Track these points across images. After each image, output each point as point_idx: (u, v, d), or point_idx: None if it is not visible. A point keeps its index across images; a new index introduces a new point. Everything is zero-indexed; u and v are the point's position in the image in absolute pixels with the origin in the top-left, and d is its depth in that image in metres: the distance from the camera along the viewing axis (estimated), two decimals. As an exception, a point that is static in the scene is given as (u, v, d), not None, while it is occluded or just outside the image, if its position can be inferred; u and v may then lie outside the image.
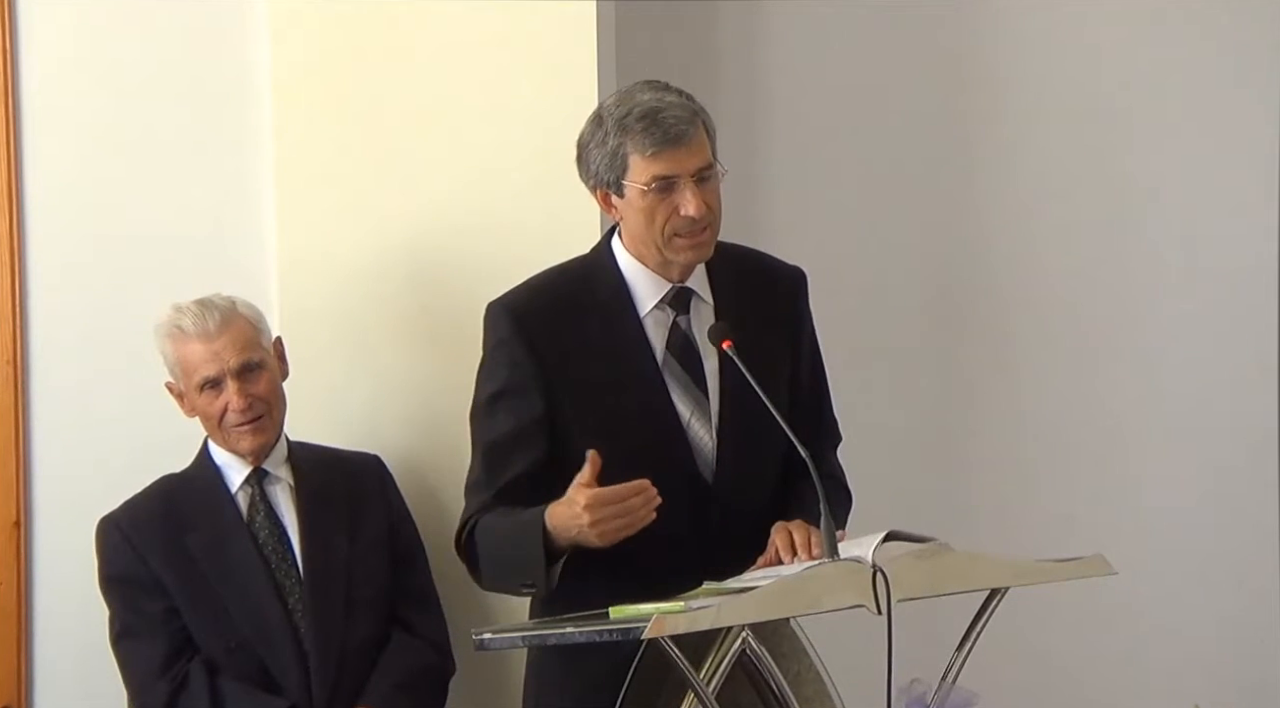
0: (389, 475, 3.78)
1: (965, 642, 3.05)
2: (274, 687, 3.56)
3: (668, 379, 3.16)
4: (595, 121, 3.13)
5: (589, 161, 3.14)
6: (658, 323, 3.18)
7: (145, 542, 3.58)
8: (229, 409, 3.58)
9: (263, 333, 3.66)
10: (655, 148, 3.06)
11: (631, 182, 3.09)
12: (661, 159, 3.07)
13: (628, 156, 3.08)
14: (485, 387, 3.19)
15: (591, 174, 3.14)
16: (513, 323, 3.16)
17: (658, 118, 3.07)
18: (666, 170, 3.07)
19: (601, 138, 3.10)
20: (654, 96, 3.10)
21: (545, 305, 3.18)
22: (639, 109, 3.08)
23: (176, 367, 3.62)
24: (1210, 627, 4.42)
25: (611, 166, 3.10)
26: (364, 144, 3.87)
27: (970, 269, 4.46)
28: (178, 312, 3.61)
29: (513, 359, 3.14)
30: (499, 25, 3.80)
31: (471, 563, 3.17)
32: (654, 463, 3.05)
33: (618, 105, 3.11)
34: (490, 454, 3.16)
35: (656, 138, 3.06)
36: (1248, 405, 4.45)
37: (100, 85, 3.99)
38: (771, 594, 2.85)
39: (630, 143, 3.07)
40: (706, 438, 3.17)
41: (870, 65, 4.39)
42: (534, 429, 3.14)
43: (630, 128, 3.07)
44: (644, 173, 3.07)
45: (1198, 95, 4.42)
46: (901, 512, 3.28)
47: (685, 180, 3.08)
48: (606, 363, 3.14)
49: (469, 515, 3.17)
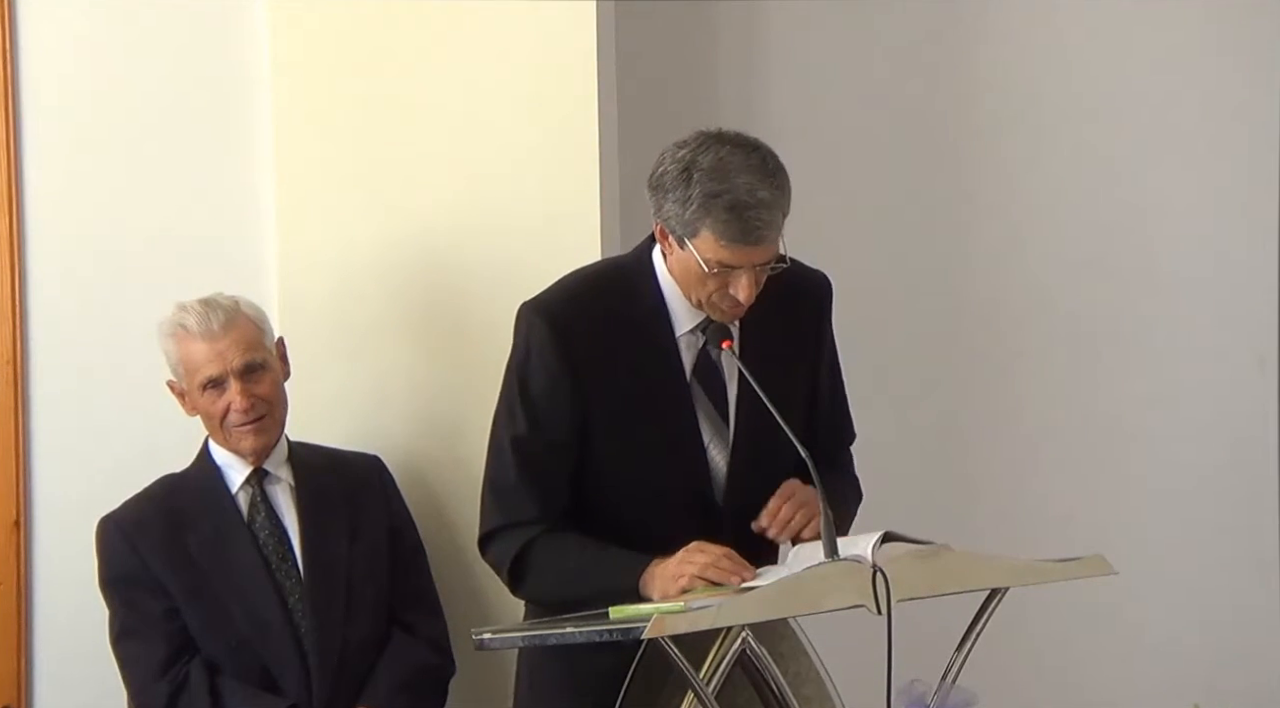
0: (389, 476, 3.77)
1: (965, 642, 3.06)
2: (274, 687, 3.56)
3: (695, 404, 3.17)
4: (683, 174, 3.03)
5: (662, 202, 3.06)
6: (688, 345, 3.17)
7: (145, 542, 3.58)
8: (231, 409, 3.58)
9: (266, 333, 3.66)
10: (731, 242, 3.01)
11: (695, 250, 3.04)
12: (734, 251, 3.02)
13: (701, 230, 3.02)
14: (522, 391, 3.16)
15: (662, 213, 3.07)
16: (550, 328, 3.13)
17: (745, 216, 2.99)
18: (734, 262, 3.03)
19: (683, 197, 3.02)
20: (749, 183, 3.00)
21: (582, 313, 3.15)
22: (729, 198, 2.99)
23: (179, 365, 3.62)
24: (1210, 627, 4.42)
25: (682, 225, 3.03)
26: (364, 144, 3.87)
27: (970, 270, 4.46)
28: (182, 310, 3.61)
29: (549, 367, 3.13)
30: (499, 25, 3.80)
31: (517, 574, 3.14)
32: (672, 479, 3.13)
33: (711, 174, 3.01)
34: (529, 466, 3.14)
35: (735, 234, 3.00)
36: (1248, 406, 4.45)
37: (100, 85, 3.99)
38: (771, 594, 2.85)
39: (709, 223, 3.00)
40: (721, 463, 3.18)
41: (870, 66, 4.39)
42: (569, 440, 3.14)
43: (715, 211, 2.99)
44: (712, 251, 3.02)
45: (1198, 96, 4.42)
46: (902, 512, 3.28)
47: (747, 269, 3.05)
48: (639, 377, 3.14)
49: (519, 531, 3.13)
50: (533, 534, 3.13)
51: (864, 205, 4.39)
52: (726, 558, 3.01)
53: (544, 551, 3.12)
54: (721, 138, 3.07)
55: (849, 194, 4.38)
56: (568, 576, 3.09)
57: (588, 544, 3.11)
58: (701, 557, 3.01)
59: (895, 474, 4.27)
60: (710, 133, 3.08)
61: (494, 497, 3.19)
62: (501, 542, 3.16)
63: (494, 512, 3.18)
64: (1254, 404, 4.45)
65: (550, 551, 3.12)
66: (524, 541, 3.13)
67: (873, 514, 3.19)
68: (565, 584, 3.08)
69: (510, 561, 3.14)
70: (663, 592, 3.00)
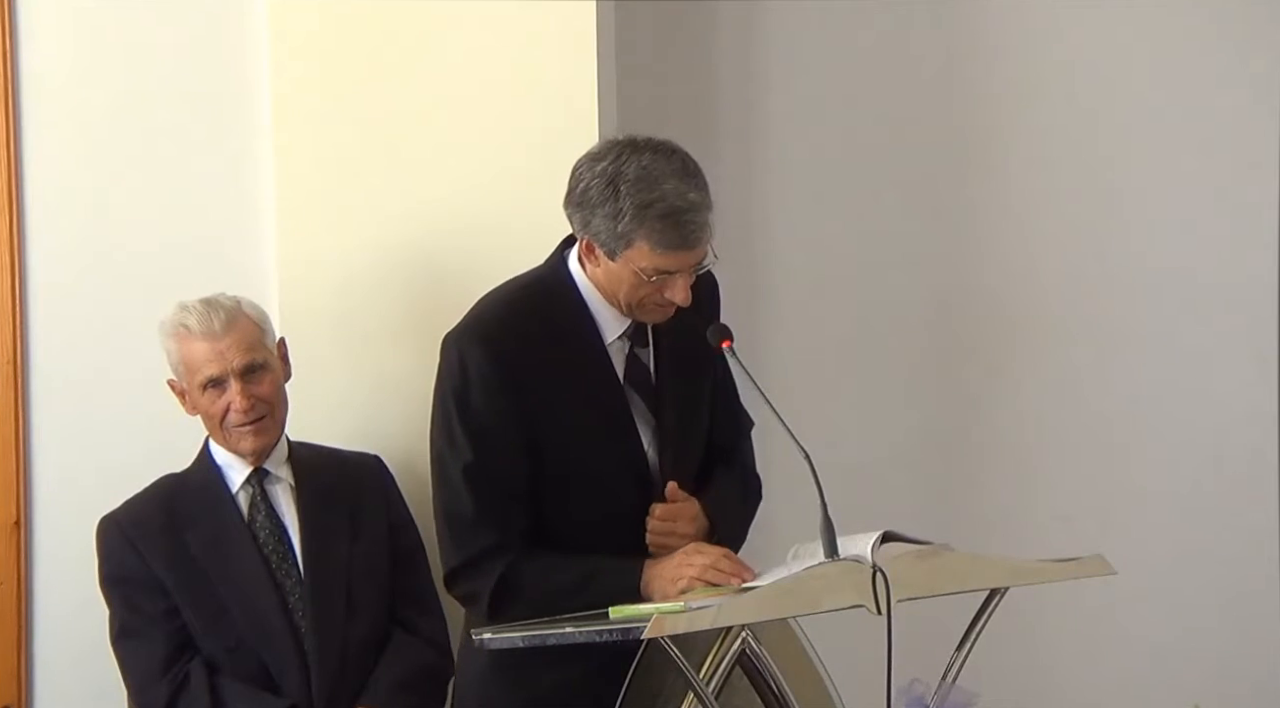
0: (390, 476, 3.77)
1: (965, 642, 3.06)
2: (274, 687, 3.56)
3: (630, 405, 3.20)
4: (608, 187, 3.04)
5: (590, 219, 3.07)
6: (617, 352, 3.20)
7: (146, 541, 3.58)
8: (231, 409, 3.58)
9: (267, 333, 3.66)
10: (668, 250, 3.04)
11: (628, 262, 3.06)
12: (670, 257, 3.05)
13: (635, 241, 3.04)
14: (466, 420, 3.14)
15: (590, 229, 3.08)
16: (485, 352, 3.13)
17: (680, 221, 3.02)
18: (671, 267, 3.06)
19: (613, 211, 3.04)
20: (678, 188, 3.03)
21: (514, 333, 3.16)
22: (663, 206, 3.02)
23: (180, 365, 3.62)
24: (1210, 627, 4.42)
25: (613, 238, 3.06)
26: (364, 145, 3.87)
27: (970, 271, 4.45)
28: (183, 310, 3.61)
29: (491, 392, 3.12)
30: (499, 25, 3.80)
31: (500, 602, 3.12)
32: (619, 482, 3.17)
33: (638, 185, 3.03)
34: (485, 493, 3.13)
35: (673, 241, 3.03)
36: (1247, 406, 4.44)
37: (100, 86, 3.99)
38: (771, 594, 2.85)
39: (643, 234, 3.03)
40: (654, 457, 3.21)
41: (870, 66, 4.39)
42: (519, 460, 3.14)
43: (649, 221, 3.02)
44: (647, 261, 3.05)
45: (1198, 97, 4.41)
46: (902, 512, 3.29)
47: (683, 272, 3.08)
48: (574, 390, 3.16)
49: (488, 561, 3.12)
50: (506, 560, 3.12)
51: (863, 205, 4.39)
52: (725, 558, 3.02)
53: (528, 574, 3.12)
54: (636, 145, 3.08)
55: (849, 194, 4.38)
56: (561, 592, 3.08)
57: (571, 558, 3.12)
58: (700, 559, 3.02)
59: (895, 474, 4.29)
60: (622, 141, 3.10)
61: (453, 531, 3.17)
62: (472, 575, 3.15)
63: (456, 547, 3.17)
64: (1254, 404, 4.44)
65: (534, 573, 3.12)
66: (499, 569, 3.12)
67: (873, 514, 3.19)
68: (559, 601, 3.06)
69: (491, 589, 3.12)
70: (663, 593, 3.01)
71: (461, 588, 3.19)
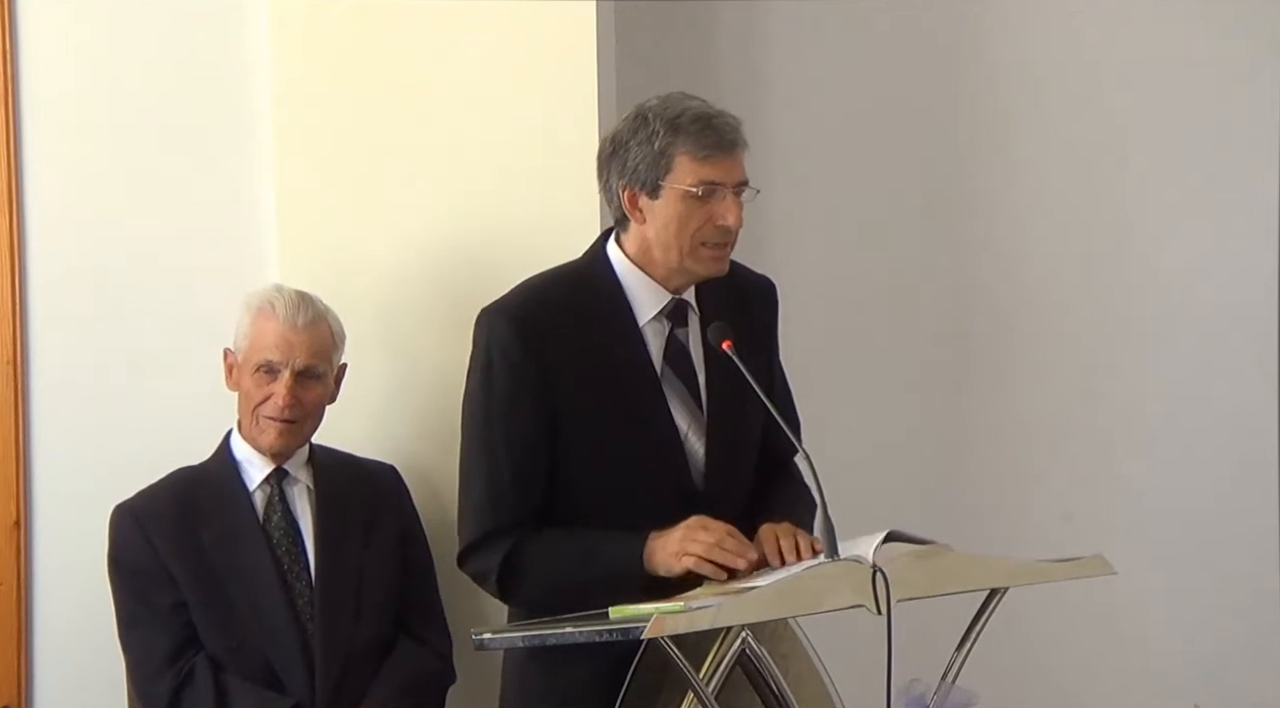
0: (404, 486, 3.77)
1: (965, 642, 3.06)
2: (277, 686, 3.55)
3: (666, 391, 3.15)
4: (638, 120, 3.08)
5: (626, 159, 3.08)
6: (655, 334, 3.16)
7: (159, 533, 3.56)
8: (271, 400, 3.58)
9: (337, 350, 3.65)
10: (708, 152, 3.04)
11: (675, 184, 3.05)
12: (713, 164, 3.05)
13: (675, 157, 3.04)
14: (488, 395, 3.14)
15: (628, 171, 3.08)
16: (512, 328, 3.11)
17: (712, 123, 3.05)
18: (716, 176, 3.05)
19: (647, 137, 3.05)
20: (701, 104, 3.08)
21: (543, 311, 3.14)
22: (692, 112, 3.05)
23: (245, 338, 3.61)
24: (1210, 627, 4.42)
25: (655, 165, 3.06)
26: (365, 148, 3.87)
27: (970, 271, 4.46)
28: (277, 290, 3.63)
29: (513, 366, 3.10)
30: (499, 25, 3.79)
31: (508, 579, 3.12)
32: (650, 470, 3.11)
33: (665, 107, 3.07)
34: (503, 472, 3.12)
35: (711, 141, 3.04)
36: (1247, 406, 4.45)
37: (100, 86, 3.99)
38: (771, 594, 2.85)
39: (682, 143, 3.04)
40: (699, 449, 3.17)
41: (870, 66, 4.39)
42: (540, 440, 3.12)
43: (684, 128, 3.04)
44: (692, 175, 3.05)
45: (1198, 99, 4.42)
46: (903, 512, 3.28)
47: (728, 190, 3.07)
48: (607, 371, 3.12)
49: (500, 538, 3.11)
50: (515, 538, 3.11)
51: (864, 205, 4.39)
52: (730, 536, 2.99)
53: (533, 550, 3.11)
54: (653, 98, 3.13)
55: (849, 194, 4.38)
56: (565, 567, 3.08)
57: (576, 533, 3.10)
58: (705, 535, 2.98)
59: (895, 474, 4.28)
60: (637, 105, 3.14)
61: (471, 507, 3.17)
62: (483, 552, 3.14)
63: (472, 523, 3.16)
64: (1254, 405, 4.45)
65: (539, 548, 3.11)
66: (508, 545, 3.11)
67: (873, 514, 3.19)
68: (563, 576, 3.07)
69: (498, 567, 3.12)
70: (666, 566, 2.99)
71: (470, 567, 3.18)
